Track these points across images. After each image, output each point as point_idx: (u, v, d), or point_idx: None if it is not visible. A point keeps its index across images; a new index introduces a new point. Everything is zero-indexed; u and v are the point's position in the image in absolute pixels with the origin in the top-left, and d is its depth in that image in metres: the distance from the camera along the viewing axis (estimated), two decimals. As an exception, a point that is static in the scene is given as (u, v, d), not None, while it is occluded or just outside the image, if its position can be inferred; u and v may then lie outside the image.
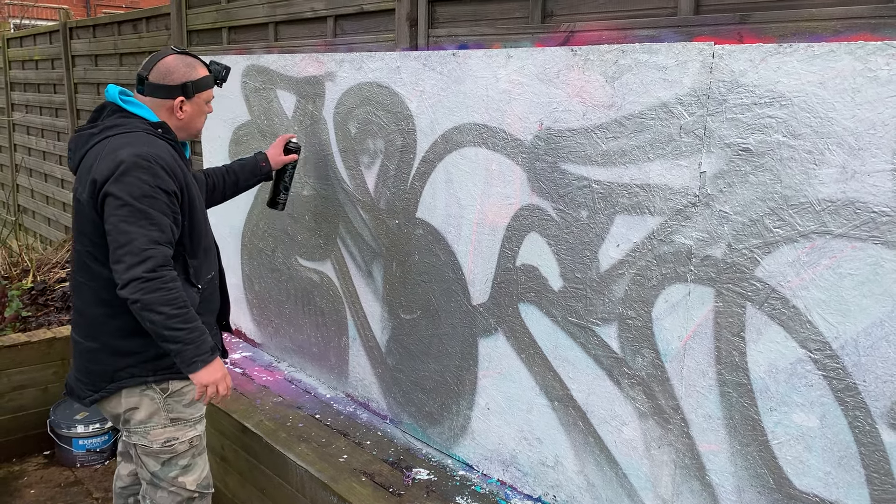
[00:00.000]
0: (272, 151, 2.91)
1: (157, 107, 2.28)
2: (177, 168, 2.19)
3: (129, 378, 2.27)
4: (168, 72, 2.27)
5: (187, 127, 2.36)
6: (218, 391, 2.23)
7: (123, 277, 2.05)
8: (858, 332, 1.70)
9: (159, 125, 2.24)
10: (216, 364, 2.22)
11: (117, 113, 2.25)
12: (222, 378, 2.24)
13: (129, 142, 2.13)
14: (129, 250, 2.05)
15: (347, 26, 3.24)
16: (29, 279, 4.92)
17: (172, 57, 2.30)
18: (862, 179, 1.65)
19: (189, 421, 2.38)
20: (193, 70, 2.31)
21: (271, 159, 2.90)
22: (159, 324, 2.07)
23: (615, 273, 2.16)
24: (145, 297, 2.04)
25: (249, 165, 2.85)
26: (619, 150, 2.09)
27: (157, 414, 2.32)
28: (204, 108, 2.39)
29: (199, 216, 2.32)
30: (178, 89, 2.28)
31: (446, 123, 2.58)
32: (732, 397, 1.95)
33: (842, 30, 1.76)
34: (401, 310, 2.93)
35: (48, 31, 6.81)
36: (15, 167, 8.14)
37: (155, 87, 2.26)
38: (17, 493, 3.57)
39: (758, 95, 1.79)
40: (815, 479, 1.83)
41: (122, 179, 2.06)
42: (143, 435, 2.33)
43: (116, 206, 2.06)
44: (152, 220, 2.08)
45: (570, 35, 2.32)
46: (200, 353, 2.15)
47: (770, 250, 1.82)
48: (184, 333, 2.11)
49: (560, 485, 2.44)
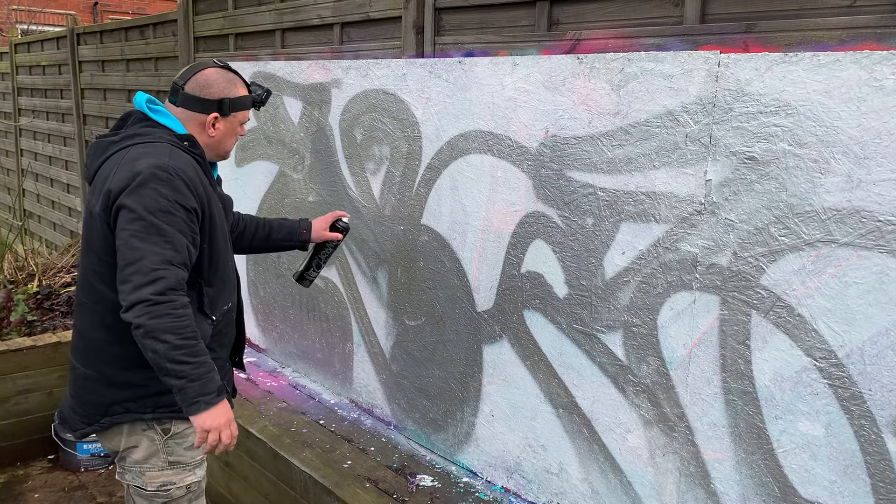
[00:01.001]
0: (318, 223, 2.62)
1: (188, 119, 2.09)
2: (199, 184, 2.00)
3: (125, 413, 2.06)
4: (206, 84, 2.08)
5: (217, 146, 2.16)
6: (220, 439, 1.94)
7: (129, 299, 1.83)
8: (864, 340, 1.70)
9: (186, 137, 2.05)
10: (221, 407, 1.94)
11: (142, 122, 2.07)
12: (226, 424, 1.95)
13: (150, 152, 1.95)
14: (137, 269, 1.84)
15: (354, 34, 3.25)
16: (34, 283, 4.93)
17: (213, 70, 2.11)
18: (868, 188, 1.65)
19: (189, 465, 2.15)
20: (234, 87, 2.12)
21: (314, 232, 2.60)
22: (162, 354, 1.83)
23: (620, 280, 2.16)
24: (150, 322, 1.81)
25: (288, 227, 2.59)
26: (624, 157, 2.09)
27: (156, 455, 2.11)
28: (237, 129, 2.18)
29: (221, 240, 2.12)
30: (215, 105, 2.08)
31: (452, 130, 2.59)
32: (738, 405, 1.95)
33: (847, 39, 1.77)
34: (405, 316, 2.93)
35: (56, 36, 6.85)
36: (21, 172, 8.17)
37: (190, 98, 2.08)
38: (22, 497, 3.57)
39: (763, 104, 1.79)
40: (821, 488, 1.82)
41: (137, 191, 1.87)
42: (137, 475, 2.12)
43: (129, 220, 1.87)
44: (167, 237, 1.87)
45: (576, 43, 2.33)
46: (205, 393, 1.89)
47: (775, 258, 1.82)
48: (189, 368, 1.86)
49: (564, 492, 2.44)
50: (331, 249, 2.66)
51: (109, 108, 5.88)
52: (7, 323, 4.33)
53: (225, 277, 2.17)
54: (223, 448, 1.97)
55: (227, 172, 3.89)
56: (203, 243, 2.03)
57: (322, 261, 2.66)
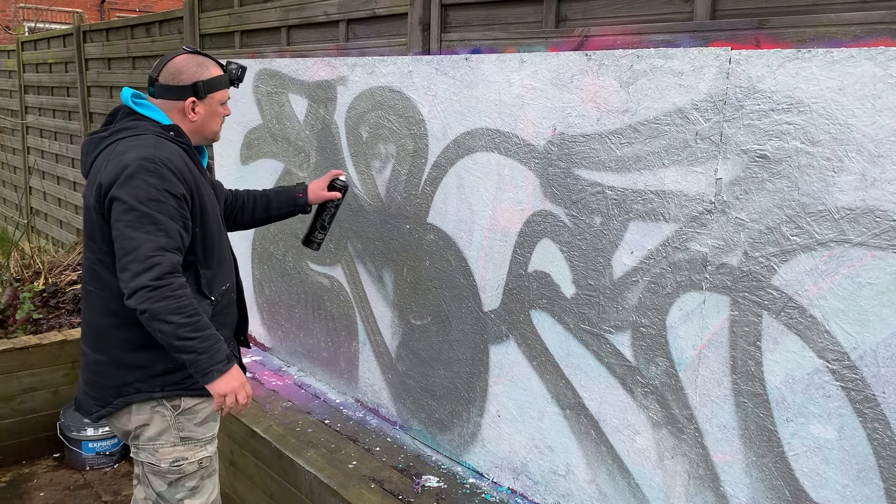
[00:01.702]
0: (315, 185, 2.68)
1: (169, 109, 2.18)
2: (186, 171, 2.09)
3: (136, 393, 2.17)
4: (178, 72, 2.17)
5: (201, 130, 2.24)
6: (237, 400, 2.11)
7: (130, 286, 1.95)
8: (878, 342, 1.67)
9: (171, 128, 2.15)
10: (234, 372, 2.10)
11: (129, 116, 2.17)
12: (241, 386, 2.11)
13: (137, 144, 2.04)
14: (134, 257, 1.95)
15: (360, 30, 3.23)
16: (41, 281, 4.93)
17: (183, 57, 2.20)
18: (882, 187, 1.62)
19: (200, 441, 2.26)
20: (205, 69, 2.20)
21: (311, 193, 2.67)
22: (170, 334, 1.96)
23: (629, 280, 2.13)
24: (153, 306, 1.94)
25: (286, 194, 2.67)
26: (633, 155, 2.06)
27: (168, 431, 2.21)
28: (218, 109, 2.25)
29: (213, 225, 2.21)
30: (189, 90, 2.17)
31: (458, 128, 2.57)
32: (748, 407, 1.92)
33: (862, 35, 1.74)
34: (411, 315, 2.91)
35: (62, 34, 6.85)
36: (28, 169, 8.19)
37: (165, 88, 2.17)
38: (27, 495, 3.57)
39: (775, 101, 1.76)
40: (833, 492, 1.79)
41: (127, 183, 1.97)
42: (151, 452, 2.22)
43: (122, 211, 1.97)
44: (159, 225, 1.98)
45: (585, 40, 2.30)
46: (215, 363, 2.03)
47: (787, 258, 1.79)
48: (196, 342, 1.99)
49: (571, 494, 2.42)
50: (332, 209, 2.71)
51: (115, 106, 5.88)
52: (13, 321, 4.33)
53: (221, 259, 2.27)
54: (241, 408, 2.15)
55: (232, 170, 3.88)
56: (195, 227, 2.13)
57: (326, 222, 2.72)
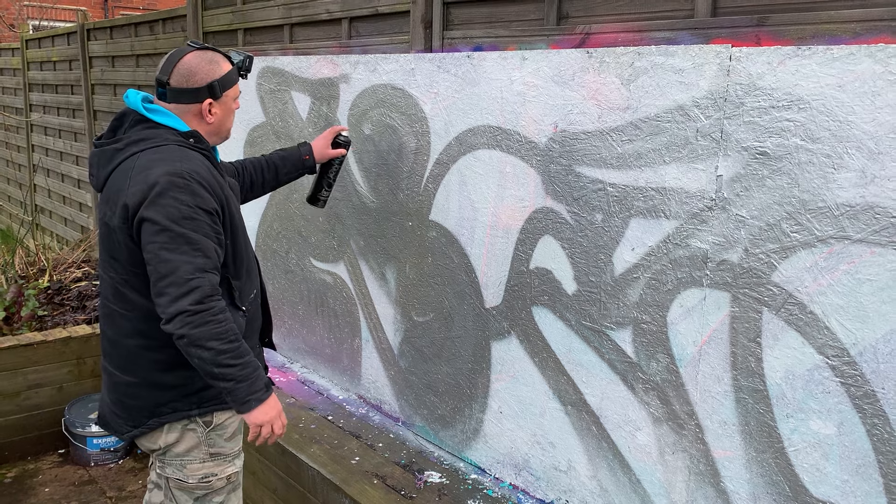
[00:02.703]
0: (318, 143, 2.64)
1: (184, 113, 2.04)
2: (215, 183, 1.98)
3: (173, 413, 2.09)
4: (190, 73, 2.02)
5: (218, 130, 2.14)
6: (273, 430, 2.04)
7: (168, 311, 1.85)
8: (877, 338, 1.68)
9: (190, 134, 2.02)
10: (271, 401, 2.02)
11: (141, 123, 2.02)
12: (278, 415, 2.04)
13: (161, 158, 1.91)
14: (172, 281, 1.85)
15: (362, 28, 3.24)
16: (45, 278, 4.96)
17: (192, 55, 2.04)
18: (882, 184, 1.63)
19: (228, 456, 2.19)
20: (217, 66, 2.06)
21: (316, 152, 2.63)
22: (209, 360, 1.88)
23: (630, 277, 2.14)
24: (193, 331, 1.84)
25: (292, 158, 2.60)
26: (634, 152, 2.07)
27: (198, 448, 2.13)
28: (232, 106, 2.15)
29: (241, 233, 2.12)
30: (206, 91, 2.03)
31: (460, 125, 2.58)
32: (748, 403, 1.93)
33: (862, 32, 1.74)
34: (414, 312, 2.92)
35: (66, 32, 6.86)
36: (32, 167, 8.22)
37: (179, 91, 2.02)
38: (32, 491, 3.59)
39: (776, 98, 1.77)
40: (833, 488, 1.80)
41: (157, 202, 1.85)
42: (178, 468, 2.13)
43: (154, 233, 1.85)
44: (195, 245, 1.87)
45: (586, 37, 2.31)
46: (254, 392, 1.96)
47: (787, 255, 1.80)
48: (236, 370, 1.91)
49: (573, 489, 2.43)
50: (337, 166, 2.71)
51: (119, 104, 5.90)
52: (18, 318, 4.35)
53: (249, 268, 2.19)
54: (275, 438, 2.07)
55: (235, 168, 3.89)
56: (227, 239, 2.03)
57: (332, 179, 2.73)
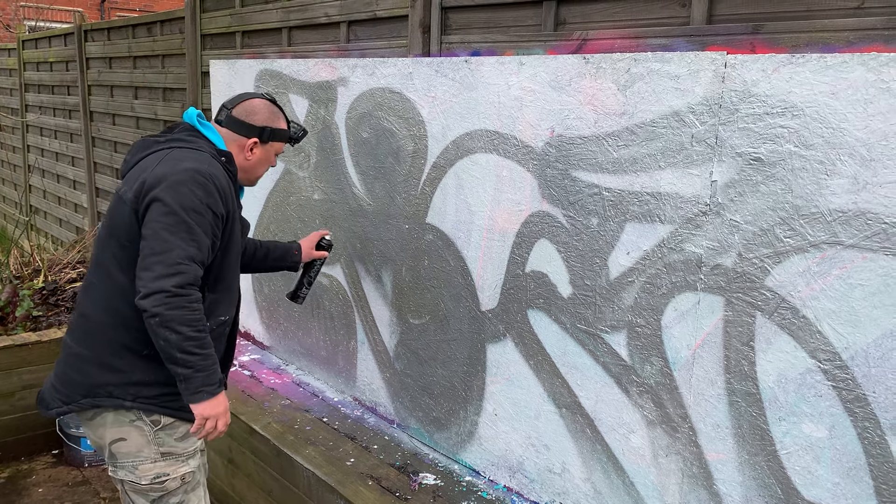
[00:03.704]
0: (305, 243, 2.80)
1: (230, 140, 2.24)
2: (229, 195, 2.12)
3: (107, 397, 2.11)
4: (252, 111, 2.26)
5: (250, 171, 2.31)
6: (217, 426, 2.10)
7: (149, 286, 1.92)
8: (869, 343, 1.70)
9: (225, 154, 2.19)
10: (221, 397, 2.09)
11: (188, 131, 2.20)
12: (224, 413, 2.11)
13: (192, 157, 2.07)
14: (162, 259, 1.93)
15: (361, 32, 3.26)
16: (40, 279, 4.95)
17: (261, 101, 2.29)
18: (874, 190, 1.65)
19: (181, 456, 2.20)
20: (276, 119, 2.30)
21: (304, 252, 2.79)
22: (174, 343, 1.93)
23: (625, 281, 2.16)
24: (167, 311, 1.91)
25: (282, 250, 2.75)
26: (630, 158, 2.09)
27: (147, 447, 2.15)
28: (271, 158, 2.34)
29: (233, 253, 2.21)
30: (256, 130, 2.25)
31: (458, 129, 2.60)
32: (741, 406, 1.95)
33: (855, 41, 1.77)
34: (409, 314, 2.93)
35: (63, 33, 6.87)
36: (28, 168, 8.20)
37: (235, 120, 2.24)
38: (26, 491, 3.59)
39: (770, 105, 1.79)
40: (824, 490, 1.82)
41: (175, 188, 1.98)
42: (130, 470, 2.16)
43: (162, 213, 1.96)
44: (194, 235, 1.98)
45: (583, 43, 2.33)
46: (208, 384, 2.03)
47: (780, 260, 1.82)
48: (197, 359, 1.98)
49: (567, 492, 2.44)
50: (319, 266, 2.88)
51: (116, 105, 5.90)
52: (12, 318, 4.35)
53: (228, 289, 2.24)
54: (216, 435, 2.13)
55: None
56: (218, 250, 2.12)
57: (312, 278, 2.88)
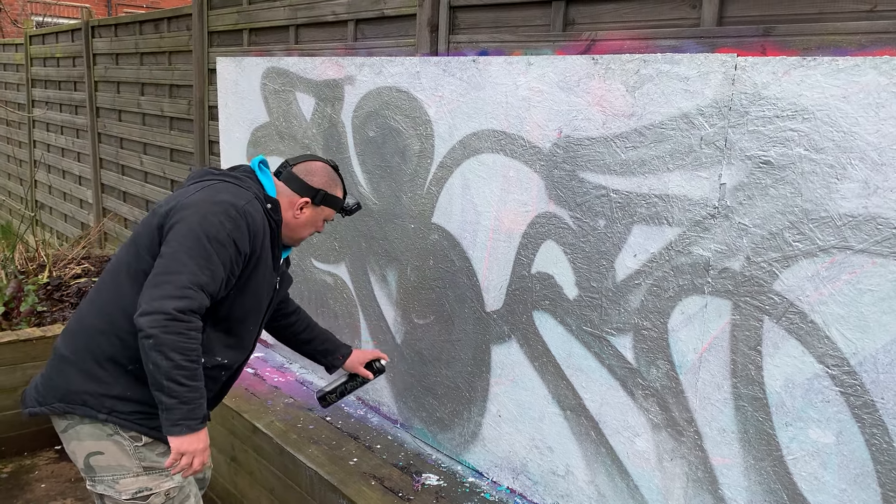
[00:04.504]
0: (357, 356, 2.64)
1: (283, 193, 2.21)
2: (260, 238, 2.07)
3: (81, 405, 2.04)
4: (313, 172, 2.24)
5: (295, 230, 2.24)
6: (192, 464, 1.97)
7: (151, 304, 1.87)
8: (878, 348, 1.69)
9: (272, 200, 2.15)
10: (202, 434, 1.98)
11: (246, 173, 2.20)
12: (203, 450, 1.98)
13: (234, 192, 2.05)
14: (171, 280, 1.89)
15: (368, 30, 3.25)
16: (45, 274, 4.96)
17: (324, 165, 2.28)
18: (885, 195, 1.64)
19: (165, 471, 2.10)
20: (334, 186, 2.27)
21: (350, 360, 2.62)
22: (163, 370, 1.86)
23: (631, 283, 2.15)
24: (162, 335, 1.85)
25: (330, 345, 2.62)
26: (638, 159, 2.08)
27: (128, 460, 2.07)
28: (318, 223, 2.29)
29: (250, 297, 2.13)
30: (311, 191, 2.21)
31: (464, 129, 2.59)
32: (747, 411, 1.94)
33: (867, 44, 1.75)
34: (414, 314, 2.93)
35: (70, 29, 6.88)
36: (34, 163, 8.22)
37: (293, 176, 2.22)
38: (28, 486, 3.59)
39: (780, 108, 1.78)
40: (831, 497, 1.81)
41: (204, 214, 1.95)
42: (109, 485, 2.07)
43: (184, 235, 1.93)
44: (211, 264, 1.93)
45: (592, 44, 2.32)
46: (190, 418, 1.93)
47: (789, 264, 1.81)
48: (183, 390, 1.90)
49: (570, 495, 2.43)
50: (360, 383, 2.68)
51: (122, 101, 5.91)
52: (17, 313, 4.35)
53: (233, 332, 2.16)
54: (190, 473, 2.00)
55: (238, 167, 3.90)
56: (233, 289, 2.06)
57: (347, 391, 2.68)
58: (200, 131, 4.67)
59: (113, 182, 6.31)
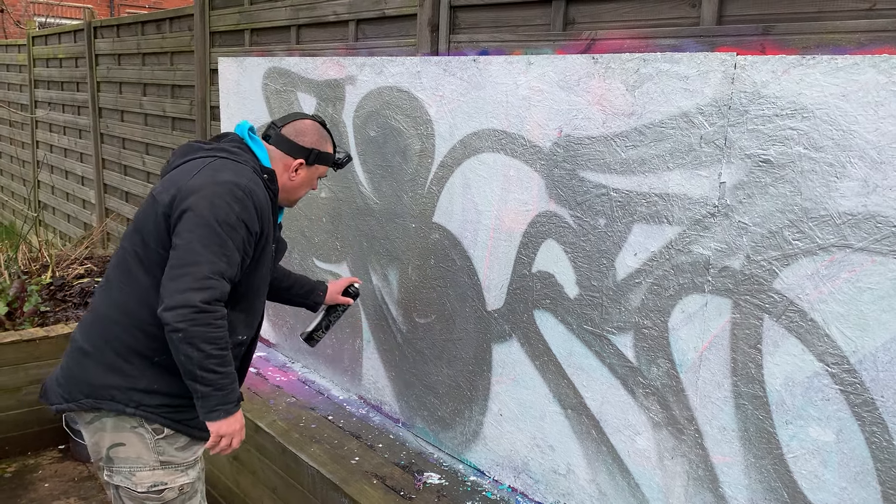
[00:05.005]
0: (333, 287, 2.71)
1: (276, 158, 2.20)
2: (267, 213, 2.08)
3: (108, 400, 2.05)
4: (302, 132, 2.23)
5: (291, 191, 2.26)
6: (232, 443, 2.06)
7: (175, 298, 1.87)
8: (877, 347, 1.69)
9: (268, 171, 2.15)
10: (238, 416, 2.04)
11: (236, 143, 2.17)
12: (240, 430, 2.06)
13: (234, 169, 2.04)
14: (191, 272, 1.89)
15: (369, 30, 3.26)
16: (48, 275, 4.97)
17: (312, 123, 2.27)
18: (884, 193, 1.64)
19: (181, 466, 2.14)
20: (324, 143, 2.27)
21: (329, 294, 2.69)
22: (196, 361, 1.89)
23: (632, 282, 2.15)
24: (192, 328, 1.86)
25: (308, 286, 2.67)
26: (638, 158, 2.08)
27: (147, 454, 2.10)
28: (314, 181, 2.31)
29: (261, 272, 2.17)
30: (304, 151, 2.21)
31: (465, 129, 2.59)
32: (748, 409, 1.94)
33: (866, 43, 1.75)
34: (415, 314, 2.93)
35: (73, 29, 6.89)
36: (37, 163, 8.24)
37: (283, 139, 2.21)
38: (32, 486, 3.60)
39: (779, 107, 1.78)
40: (831, 495, 1.81)
41: (211, 200, 1.94)
42: (127, 476, 2.10)
43: (196, 224, 1.92)
44: (226, 250, 1.93)
45: (592, 43, 2.32)
46: (226, 403, 1.99)
47: (789, 262, 1.81)
48: (217, 377, 1.94)
49: (571, 493, 2.44)
50: (341, 312, 2.75)
51: (125, 102, 5.92)
52: (20, 313, 4.36)
53: (250, 309, 2.19)
54: (229, 451, 2.08)
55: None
56: (245, 268, 2.07)
57: (332, 323, 2.76)
58: (202, 131, 4.68)
59: (115, 182, 6.32)
